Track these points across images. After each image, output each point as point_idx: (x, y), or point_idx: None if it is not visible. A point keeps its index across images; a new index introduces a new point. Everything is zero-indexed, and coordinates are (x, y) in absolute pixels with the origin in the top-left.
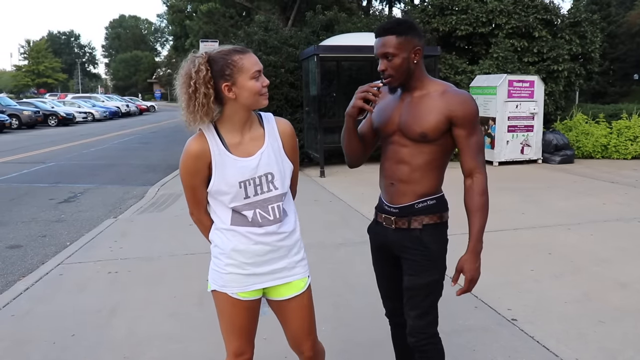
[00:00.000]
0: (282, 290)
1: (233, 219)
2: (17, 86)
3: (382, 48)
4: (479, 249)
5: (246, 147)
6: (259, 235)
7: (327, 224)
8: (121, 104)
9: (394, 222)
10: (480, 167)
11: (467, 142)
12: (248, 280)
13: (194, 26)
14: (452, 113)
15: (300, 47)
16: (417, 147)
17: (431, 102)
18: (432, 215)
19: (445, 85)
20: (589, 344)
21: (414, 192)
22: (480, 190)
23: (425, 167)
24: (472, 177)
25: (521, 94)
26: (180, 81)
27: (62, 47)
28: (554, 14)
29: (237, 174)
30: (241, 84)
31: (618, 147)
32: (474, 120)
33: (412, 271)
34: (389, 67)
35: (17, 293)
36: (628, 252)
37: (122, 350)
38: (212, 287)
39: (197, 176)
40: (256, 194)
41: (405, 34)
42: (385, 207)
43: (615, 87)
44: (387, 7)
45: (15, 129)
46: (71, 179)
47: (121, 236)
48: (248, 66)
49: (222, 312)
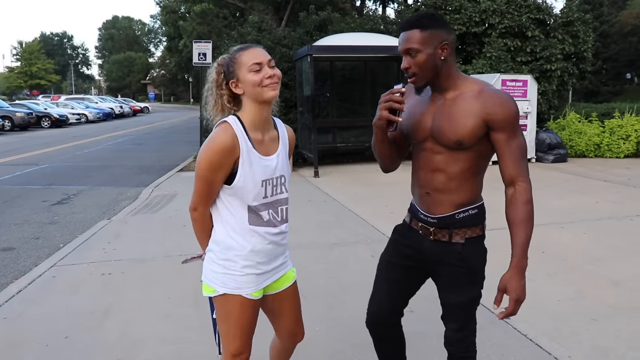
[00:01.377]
0: (279, 283)
1: (250, 219)
2: (9, 88)
3: (405, 44)
4: (523, 265)
5: (267, 147)
6: (273, 235)
7: (321, 224)
8: (115, 105)
9: (433, 234)
10: (523, 174)
11: (507, 146)
12: (260, 278)
13: (187, 27)
14: (489, 116)
15: (293, 48)
16: (452, 155)
17: (466, 104)
18: (475, 228)
19: (480, 85)
20: (582, 342)
21: (452, 202)
22: (525, 199)
23: (463, 175)
24: (515, 186)
25: (514, 93)
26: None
27: (55, 49)
28: (546, 14)
29: (261, 173)
30: (242, 78)
31: (611, 145)
32: (515, 122)
33: (452, 288)
34: (412, 65)
35: (10, 295)
36: (621, 250)
37: (116, 352)
38: (220, 291)
39: (221, 171)
40: (272, 195)
41: (430, 28)
42: (422, 215)
43: (608, 87)
44: (380, 7)
45: (7, 130)
46: (64, 180)
47: (115, 238)
48: (245, 60)
49: (229, 314)
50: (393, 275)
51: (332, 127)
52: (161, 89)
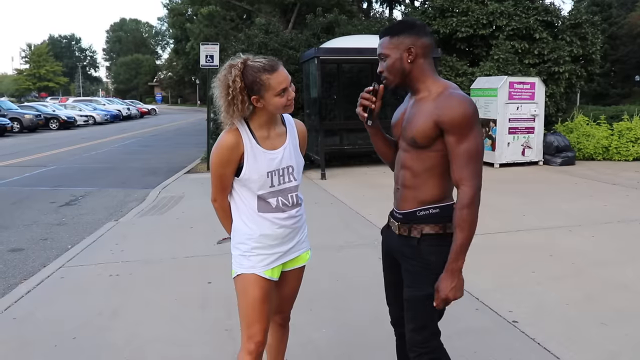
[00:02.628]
0: (293, 262)
1: (259, 206)
2: (18, 90)
3: (378, 49)
4: (455, 268)
5: (272, 142)
6: (282, 220)
7: (328, 227)
8: (122, 107)
9: (398, 228)
10: (467, 178)
11: (455, 150)
12: (272, 257)
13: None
14: (439, 118)
15: (300, 50)
16: (415, 153)
17: (426, 105)
18: (434, 225)
19: (444, 87)
20: (591, 346)
21: (416, 198)
22: (464, 203)
23: (426, 173)
24: (459, 189)
25: (522, 95)
26: (219, 87)
27: (63, 51)
28: (554, 16)
29: (265, 165)
30: (267, 99)
31: (619, 148)
32: (463, 125)
33: (409, 282)
34: (384, 69)
35: (19, 296)
36: (629, 253)
37: (123, 353)
38: (238, 271)
39: (229, 166)
40: (280, 184)
41: (398, 34)
42: (394, 212)
43: (616, 89)
44: (387, 9)
45: (16, 132)
46: (72, 182)
47: (122, 239)
48: (274, 85)
49: (247, 293)
50: (388, 276)
51: (339, 129)
52: (168, 91)
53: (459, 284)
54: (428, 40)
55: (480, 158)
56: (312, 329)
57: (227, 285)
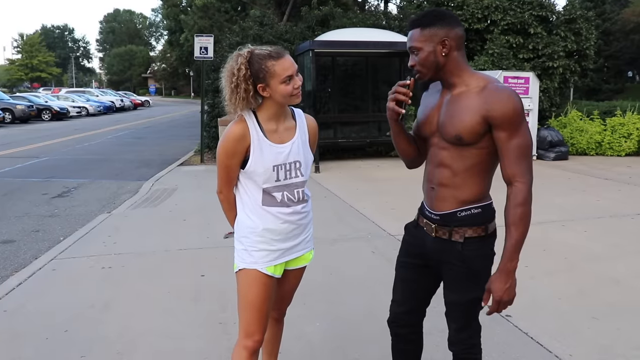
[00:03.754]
0: (296, 261)
1: (264, 200)
2: (10, 80)
3: (409, 42)
4: (510, 268)
5: (280, 136)
6: (287, 215)
7: (321, 220)
8: (115, 98)
9: (435, 230)
10: (521, 174)
11: (507, 145)
12: (275, 254)
13: (188, 21)
14: (489, 113)
15: (295, 42)
16: (456, 150)
17: (469, 100)
18: (476, 227)
19: (486, 80)
20: (583, 340)
21: (456, 197)
22: (519, 201)
23: (467, 171)
24: (512, 186)
25: (516, 90)
26: (225, 76)
27: (56, 41)
28: (549, 11)
29: (272, 158)
30: (273, 87)
31: (612, 144)
32: (516, 120)
33: (453, 287)
34: (415, 62)
35: (10, 288)
36: (622, 248)
37: (115, 345)
38: (240, 265)
39: (235, 157)
40: (286, 178)
41: (429, 25)
42: (427, 212)
43: (609, 84)
44: (382, 2)
45: (8, 123)
46: (65, 173)
47: (115, 231)
48: (279, 72)
49: (247, 289)
50: (406, 275)
51: (333, 122)
52: (162, 83)
53: (513, 284)
54: (461, 30)
55: (531, 153)
56: (305, 322)
57: (221, 278)
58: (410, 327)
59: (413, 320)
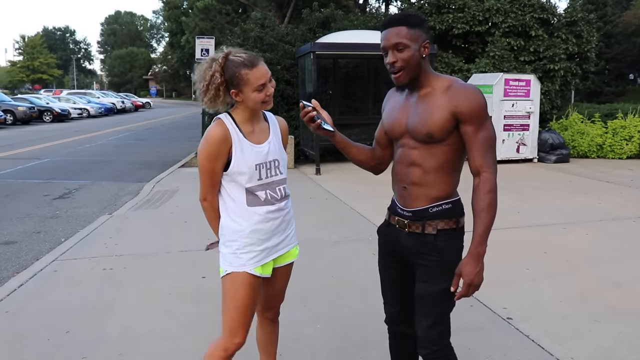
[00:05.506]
0: (283, 258)
1: (248, 200)
2: (11, 82)
3: (394, 38)
4: (480, 252)
5: (257, 136)
6: (272, 212)
7: (322, 222)
8: (116, 100)
9: (408, 226)
10: (488, 165)
11: (474, 138)
12: (263, 254)
13: (190, 23)
14: (457, 109)
15: (296, 45)
16: (427, 149)
17: (435, 99)
18: (448, 220)
19: (450, 80)
20: (584, 343)
21: (428, 195)
22: (487, 188)
23: (438, 169)
24: (480, 176)
25: (517, 92)
26: (199, 76)
27: (57, 43)
28: (550, 13)
29: (253, 158)
30: (246, 94)
31: (613, 146)
32: (482, 114)
33: (425, 278)
34: (399, 59)
35: (11, 289)
36: (623, 251)
37: (117, 347)
38: (228, 270)
39: (219, 160)
40: (267, 177)
41: (416, 26)
42: (399, 209)
43: (610, 87)
44: (383, 4)
45: (9, 124)
46: (66, 175)
47: (116, 233)
48: (252, 81)
49: (235, 292)
50: (389, 275)
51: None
52: (163, 85)
53: (482, 268)
54: (432, 36)
55: (495, 145)
56: (306, 324)
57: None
58: (407, 323)
59: (408, 316)
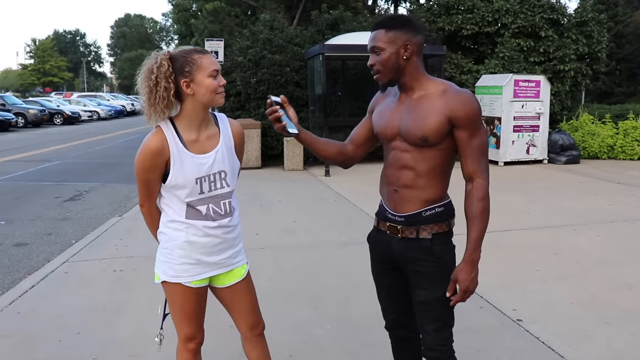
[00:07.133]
0: (225, 278)
1: (188, 213)
2: (23, 85)
3: (371, 42)
4: (475, 258)
5: (202, 145)
6: (211, 229)
7: (331, 223)
8: (126, 102)
9: (400, 232)
10: (481, 171)
11: (469, 144)
12: (198, 268)
13: (199, 25)
14: (452, 113)
15: (305, 46)
16: (420, 152)
17: (430, 103)
18: (441, 224)
19: (445, 85)
20: (595, 345)
21: (420, 198)
22: (480, 195)
23: (430, 172)
24: (473, 182)
25: (527, 93)
26: (142, 76)
27: (68, 46)
28: (560, 14)
29: (194, 171)
30: (199, 81)
31: (624, 147)
32: (476, 120)
33: (425, 284)
34: (376, 62)
35: (23, 291)
36: (634, 253)
37: (128, 348)
38: (162, 278)
39: (154, 171)
40: (210, 190)
41: (395, 28)
42: (389, 215)
43: (621, 87)
44: (392, 6)
45: (21, 127)
46: (77, 177)
47: (126, 234)
48: (206, 64)
49: (174, 301)
50: (383, 281)
51: (344, 126)
52: None
53: (476, 274)
54: (422, 38)
55: (488, 152)
56: (315, 326)
57: None
58: (407, 327)
59: (408, 320)
